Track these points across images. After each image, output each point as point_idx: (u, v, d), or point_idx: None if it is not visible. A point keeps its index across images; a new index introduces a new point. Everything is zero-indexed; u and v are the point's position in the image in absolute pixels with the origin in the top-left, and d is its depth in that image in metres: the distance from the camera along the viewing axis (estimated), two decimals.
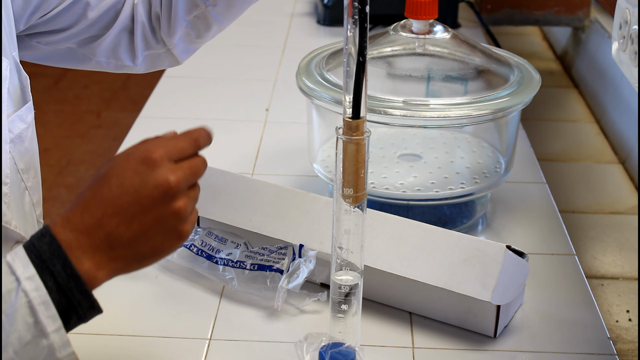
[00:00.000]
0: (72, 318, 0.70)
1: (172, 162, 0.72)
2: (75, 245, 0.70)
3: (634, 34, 0.85)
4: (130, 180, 0.71)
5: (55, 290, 0.68)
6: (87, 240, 0.70)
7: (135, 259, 0.72)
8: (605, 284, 1.19)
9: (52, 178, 2.95)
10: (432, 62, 1.11)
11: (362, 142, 0.77)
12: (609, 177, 1.46)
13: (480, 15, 1.95)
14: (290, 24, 1.99)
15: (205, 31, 1.02)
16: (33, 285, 0.68)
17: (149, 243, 0.72)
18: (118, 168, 0.71)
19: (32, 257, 0.69)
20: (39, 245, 0.69)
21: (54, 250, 0.69)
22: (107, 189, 0.71)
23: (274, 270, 0.99)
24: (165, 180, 0.71)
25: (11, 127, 0.85)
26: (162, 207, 0.71)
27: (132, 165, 0.71)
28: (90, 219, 0.70)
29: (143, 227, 0.71)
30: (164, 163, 0.71)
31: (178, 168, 0.72)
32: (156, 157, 0.71)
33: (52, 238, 0.69)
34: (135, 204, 0.70)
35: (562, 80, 1.86)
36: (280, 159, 1.35)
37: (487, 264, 0.93)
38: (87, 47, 1.02)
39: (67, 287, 0.69)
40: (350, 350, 0.85)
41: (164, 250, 0.73)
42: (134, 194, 0.70)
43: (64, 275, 0.69)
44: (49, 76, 3.71)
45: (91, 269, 0.70)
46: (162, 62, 1.07)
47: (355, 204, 0.80)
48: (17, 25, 0.92)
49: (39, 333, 0.68)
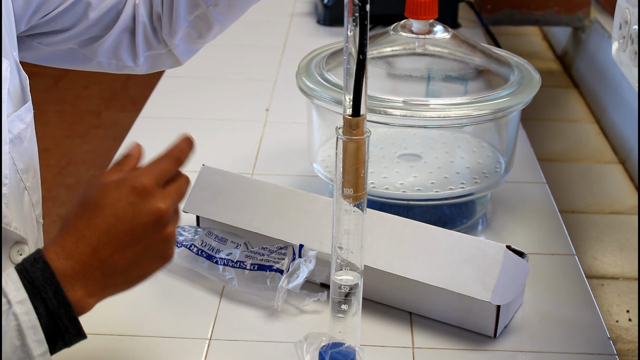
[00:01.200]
0: (58, 343, 0.72)
1: (161, 188, 0.75)
2: (69, 274, 0.71)
3: (634, 34, 0.84)
4: (124, 210, 0.73)
5: (45, 316, 0.70)
6: (81, 268, 0.72)
7: (125, 283, 0.75)
8: (605, 284, 1.19)
9: (52, 178, 2.95)
10: (432, 62, 1.11)
11: (362, 142, 0.77)
12: (609, 177, 1.46)
13: (480, 15, 1.95)
14: (290, 24, 1.99)
15: (207, 31, 1.02)
16: (24, 309, 0.69)
17: (140, 268, 0.75)
18: (110, 198, 0.74)
19: (25, 282, 0.70)
20: (32, 271, 0.71)
21: (47, 277, 0.71)
22: (101, 219, 0.73)
23: (274, 270, 0.99)
24: (157, 209, 0.74)
25: (10, 128, 0.84)
26: (154, 234, 0.74)
27: (124, 195, 0.73)
28: (85, 248, 0.72)
29: (135, 254, 0.74)
30: (155, 191, 0.74)
31: (167, 195, 0.75)
32: (147, 186, 0.74)
33: (46, 265, 0.71)
34: (129, 233, 0.73)
35: (562, 80, 1.86)
36: (280, 159, 1.35)
37: (487, 264, 0.93)
38: (88, 47, 1.02)
39: (56, 313, 0.70)
40: (350, 350, 0.85)
41: (151, 273, 0.76)
42: (128, 223, 0.73)
43: (55, 302, 0.70)
44: (49, 76, 3.71)
45: (83, 296, 0.72)
46: (164, 62, 1.06)
47: (355, 203, 0.80)
48: (18, 25, 0.92)
49: (24, 356, 0.70)
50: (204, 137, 1.43)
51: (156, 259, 0.75)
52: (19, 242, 0.85)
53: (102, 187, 0.75)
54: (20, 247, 0.85)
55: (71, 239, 0.73)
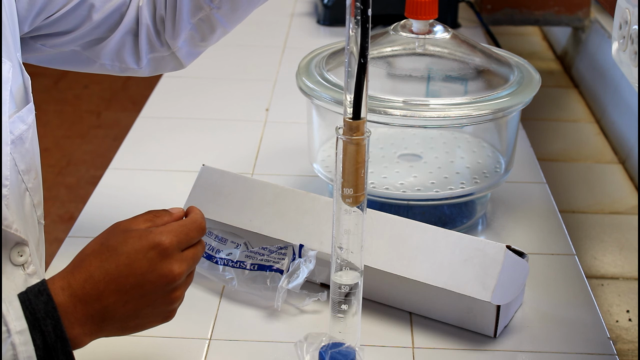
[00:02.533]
0: None
1: (180, 252, 0.76)
2: (71, 311, 0.73)
3: (634, 34, 0.84)
4: (139, 264, 0.74)
5: (41, 348, 0.71)
6: (83, 309, 0.73)
7: (121, 330, 0.77)
8: (605, 284, 1.19)
9: (52, 178, 2.95)
10: (432, 62, 1.11)
11: (362, 143, 0.77)
12: (609, 177, 1.46)
13: (480, 15, 1.95)
14: (290, 24, 1.99)
15: (210, 34, 1.02)
16: (22, 339, 0.70)
17: (138, 320, 0.76)
18: (129, 247, 0.74)
19: (27, 314, 0.71)
20: (35, 303, 0.71)
21: (49, 311, 0.71)
22: (114, 265, 0.74)
23: (274, 270, 0.99)
24: (170, 271, 0.75)
25: (12, 129, 0.84)
26: (161, 294, 0.75)
27: (143, 249, 0.74)
28: (92, 290, 0.73)
29: (137, 308, 0.75)
30: (174, 253, 0.75)
31: (183, 259, 0.76)
32: (168, 246, 0.75)
33: (49, 298, 0.72)
34: (137, 287, 0.74)
35: (562, 80, 1.86)
36: (280, 159, 1.35)
37: (487, 264, 0.93)
38: (91, 49, 1.02)
39: (53, 346, 0.71)
40: (350, 350, 0.85)
41: (148, 327, 0.78)
42: (139, 277, 0.74)
43: (53, 336, 0.71)
44: (49, 76, 3.71)
45: (79, 334, 0.73)
46: (166, 65, 1.06)
47: (355, 205, 0.80)
48: (21, 27, 0.92)
49: None
50: (204, 137, 1.43)
51: (157, 316, 0.77)
52: (20, 243, 0.84)
53: (126, 233, 0.76)
54: (20, 248, 0.85)
55: (80, 277, 0.74)
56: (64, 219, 2.70)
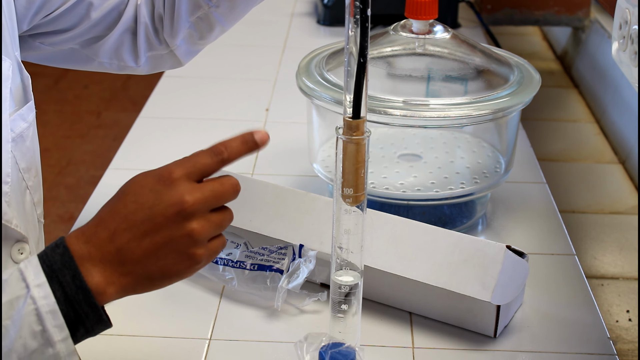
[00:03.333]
0: (80, 330, 0.70)
1: (192, 182, 0.71)
2: (87, 257, 0.70)
3: (634, 34, 0.84)
4: (146, 197, 0.70)
5: (63, 301, 0.68)
6: (97, 253, 0.70)
7: (145, 278, 0.71)
8: (605, 284, 1.19)
9: (52, 178, 2.95)
10: (432, 62, 1.11)
11: (362, 142, 0.77)
12: (609, 177, 1.46)
13: (480, 15, 1.95)
14: (290, 24, 1.98)
15: (208, 32, 1.02)
16: (42, 293, 0.68)
17: (160, 263, 0.71)
18: (136, 185, 0.71)
19: (44, 267, 0.69)
20: (52, 256, 0.69)
21: (66, 261, 0.69)
22: (122, 204, 0.71)
23: (274, 270, 0.99)
24: (180, 199, 0.70)
25: (13, 127, 0.85)
26: (175, 227, 0.70)
27: (149, 183, 0.71)
28: (103, 233, 0.71)
29: (154, 246, 0.70)
30: (181, 182, 0.70)
31: (197, 189, 0.70)
32: (174, 175, 0.70)
33: (65, 249, 0.70)
34: (147, 221, 0.70)
35: (562, 80, 1.86)
36: (280, 159, 1.35)
37: (487, 264, 0.93)
38: (89, 47, 1.02)
39: (75, 299, 0.69)
40: (350, 350, 0.85)
41: (176, 273, 0.72)
42: (148, 210, 0.70)
43: (73, 286, 0.69)
44: (49, 76, 3.71)
45: (100, 282, 0.70)
46: (165, 63, 1.07)
47: (355, 204, 0.80)
48: (20, 25, 0.92)
49: (45, 342, 0.68)
50: (204, 137, 1.43)
51: (179, 256, 0.71)
52: (20, 240, 0.85)
53: (136, 175, 0.72)
54: (21, 245, 0.85)
55: (92, 224, 0.71)
56: (64, 219, 2.70)
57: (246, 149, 0.73)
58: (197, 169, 0.71)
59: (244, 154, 0.73)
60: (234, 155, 0.73)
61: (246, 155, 0.73)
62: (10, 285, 0.68)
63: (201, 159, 0.72)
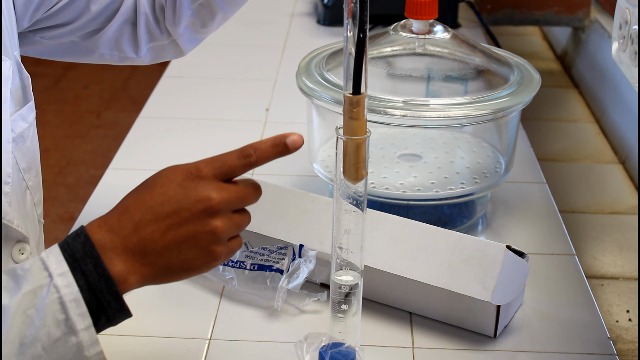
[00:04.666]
0: (102, 319, 0.71)
1: (219, 181, 0.72)
2: (109, 246, 0.70)
3: (634, 34, 0.84)
4: (174, 191, 0.71)
5: (85, 290, 0.69)
6: (120, 242, 0.71)
7: (166, 269, 0.73)
8: (605, 284, 1.19)
9: (52, 178, 2.95)
10: (432, 62, 1.11)
11: (362, 119, 0.76)
12: (609, 177, 1.46)
13: (480, 15, 1.95)
14: (290, 24, 1.98)
15: (210, 20, 1.03)
16: (65, 281, 0.68)
17: (181, 256, 0.72)
18: (164, 178, 0.73)
19: (66, 255, 0.69)
20: (73, 244, 0.70)
21: (87, 249, 0.70)
22: (149, 195, 0.72)
23: (274, 270, 0.99)
24: (207, 196, 0.71)
25: (13, 127, 0.85)
26: (199, 223, 0.71)
27: (178, 178, 0.72)
28: (128, 222, 0.71)
29: (177, 239, 0.71)
30: (209, 180, 0.72)
31: (223, 188, 0.72)
32: (203, 173, 0.72)
33: (87, 238, 0.70)
34: (173, 215, 0.71)
35: (562, 80, 1.86)
36: (280, 159, 1.34)
37: (487, 264, 0.93)
38: (90, 40, 1.02)
39: (97, 287, 0.69)
40: (350, 350, 0.85)
41: (195, 268, 0.73)
42: (174, 204, 0.71)
43: (95, 275, 0.69)
44: (49, 76, 3.71)
45: (122, 271, 0.71)
46: (167, 53, 1.07)
47: (355, 182, 0.78)
48: (21, 22, 0.93)
49: (68, 330, 0.69)
50: (204, 137, 1.43)
51: (200, 251, 0.72)
52: (21, 240, 0.85)
53: (164, 168, 0.74)
54: (21, 246, 0.85)
55: (116, 212, 0.72)
56: (64, 219, 2.70)
57: (276, 152, 0.74)
58: (225, 169, 0.73)
59: (273, 158, 0.74)
60: (262, 158, 0.74)
61: (276, 158, 0.74)
62: (32, 275, 0.69)
63: (229, 160, 0.73)
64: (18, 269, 0.69)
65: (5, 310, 0.67)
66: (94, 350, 0.70)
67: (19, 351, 0.67)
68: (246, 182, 0.74)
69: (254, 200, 0.75)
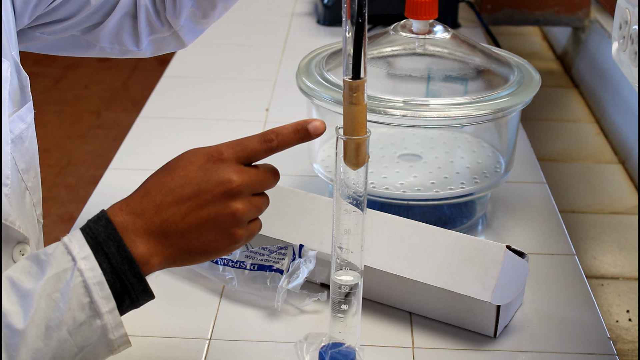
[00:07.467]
0: (125, 301, 0.71)
1: (240, 164, 0.73)
2: (131, 228, 0.71)
3: (634, 34, 0.84)
4: (195, 174, 0.72)
5: (109, 272, 0.69)
6: (142, 224, 0.71)
7: (187, 251, 0.73)
8: (605, 284, 1.19)
9: (52, 178, 2.95)
10: (432, 62, 1.11)
11: (362, 103, 0.75)
12: (609, 177, 1.46)
13: (480, 15, 1.95)
14: (290, 24, 1.99)
15: (211, 10, 1.02)
16: (89, 265, 0.69)
17: (202, 238, 0.73)
18: (185, 160, 0.73)
19: (88, 239, 0.70)
20: (95, 228, 0.71)
21: (110, 232, 0.70)
22: (170, 178, 0.72)
23: (274, 270, 0.99)
24: (227, 179, 0.72)
25: (12, 128, 0.85)
26: (220, 205, 0.72)
27: (199, 160, 0.73)
28: (149, 204, 0.72)
29: (199, 221, 0.72)
30: (230, 163, 0.73)
31: (244, 171, 0.73)
32: (224, 156, 0.73)
33: (108, 221, 0.71)
34: (194, 197, 0.72)
35: (562, 80, 1.86)
36: (280, 159, 1.34)
37: (487, 264, 0.93)
38: (90, 34, 1.02)
39: (120, 269, 0.70)
40: (350, 350, 0.85)
41: (216, 250, 0.74)
42: (195, 186, 0.72)
43: (118, 257, 0.70)
44: (49, 76, 3.71)
45: (145, 253, 0.71)
46: (168, 45, 1.07)
47: (356, 168, 0.78)
48: (21, 20, 0.93)
49: (93, 313, 0.69)
50: (204, 137, 1.43)
51: (221, 233, 0.73)
52: (21, 242, 0.85)
53: (185, 151, 0.74)
54: (22, 247, 0.85)
55: (138, 195, 0.73)
56: (64, 219, 2.70)
57: (297, 138, 0.75)
58: (246, 153, 0.73)
59: (294, 143, 0.75)
60: (284, 143, 0.75)
61: (297, 144, 0.75)
62: (56, 259, 0.69)
63: (251, 144, 0.74)
64: (41, 254, 0.70)
65: (30, 294, 0.68)
66: (118, 333, 0.71)
67: (45, 335, 0.68)
68: (265, 166, 0.75)
69: (273, 184, 0.76)
